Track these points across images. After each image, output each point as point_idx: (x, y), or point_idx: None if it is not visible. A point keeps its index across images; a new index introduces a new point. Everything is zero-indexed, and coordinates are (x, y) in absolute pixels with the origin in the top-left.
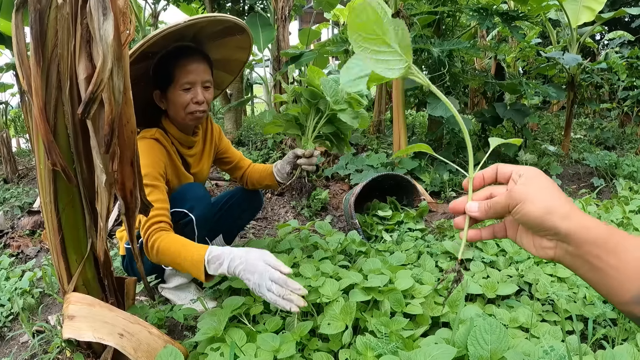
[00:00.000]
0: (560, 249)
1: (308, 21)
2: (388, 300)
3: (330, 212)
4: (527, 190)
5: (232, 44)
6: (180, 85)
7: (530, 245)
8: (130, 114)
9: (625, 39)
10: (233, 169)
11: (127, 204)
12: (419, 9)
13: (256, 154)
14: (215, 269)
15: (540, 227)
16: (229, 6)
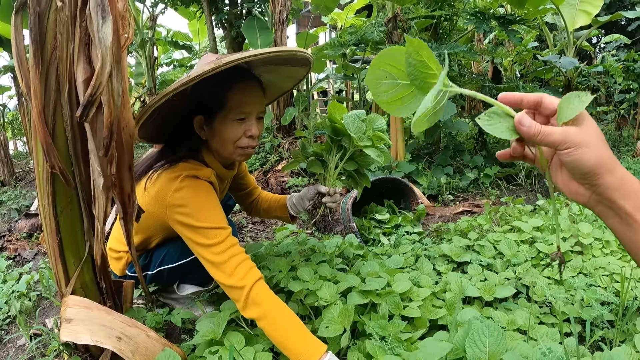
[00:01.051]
0: (594, 200)
1: (305, 25)
2: (386, 303)
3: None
4: (585, 135)
5: (285, 72)
6: (234, 115)
7: (563, 185)
8: (129, 117)
9: (622, 42)
10: (246, 195)
11: (125, 208)
12: (416, 13)
13: (254, 157)
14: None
15: (586, 176)
16: (226, 9)
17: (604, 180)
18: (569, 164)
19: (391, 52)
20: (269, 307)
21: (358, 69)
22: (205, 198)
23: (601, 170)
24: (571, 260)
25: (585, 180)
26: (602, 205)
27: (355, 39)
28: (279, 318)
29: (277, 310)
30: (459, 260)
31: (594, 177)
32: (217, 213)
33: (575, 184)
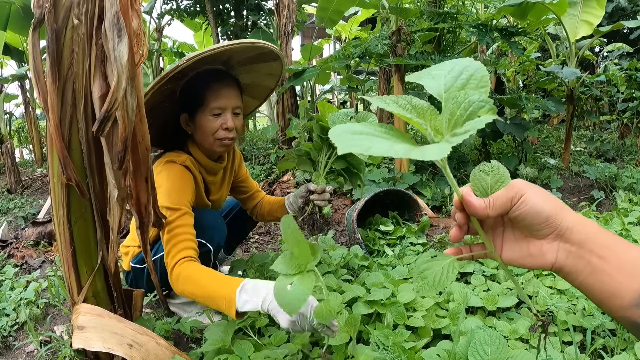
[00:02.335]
0: (562, 251)
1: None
2: (391, 313)
3: (332, 226)
4: (526, 183)
5: (263, 70)
6: (210, 110)
7: (524, 255)
8: (145, 131)
9: (624, 51)
10: (247, 199)
11: (141, 219)
12: (419, 26)
13: (259, 168)
14: (244, 302)
15: (548, 220)
16: (232, 22)
17: (567, 218)
18: (528, 214)
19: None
20: (187, 275)
21: (362, 81)
22: (173, 180)
23: (560, 210)
24: None
25: (548, 226)
26: (571, 256)
27: (359, 52)
28: (198, 278)
29: (195, 274)
30: (462, 271)
31: (558, 217)
32: (179, 195)
33: (537, 244)
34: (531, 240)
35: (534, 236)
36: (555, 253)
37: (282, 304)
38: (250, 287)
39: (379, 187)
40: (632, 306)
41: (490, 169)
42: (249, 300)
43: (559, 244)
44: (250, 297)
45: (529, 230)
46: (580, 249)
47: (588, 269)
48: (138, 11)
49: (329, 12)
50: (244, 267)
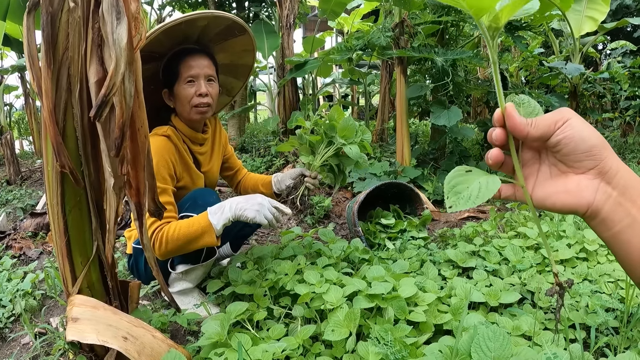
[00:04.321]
0: (602, 193)
1: (312, 29)
2: (391, 307)
3: (332, 219)
4: (574, 112)
5: (237, 47)
6: (184, 80)
7: (559, 191)
8: (144, 118)
9: (628, 49)
10: (233, 175)
11: (139, 209)
12: (423, 19)
13: (259, 160)
14: (219, 218)
15: (592, 150)
16: (234, 13)
17: (612, 158)
18: (572, 140)
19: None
20: (164, 236)
21: (364, 74)
22: (154, 151)
23: (606, 146)
24: (577, 266)
25: (592, 157)
26: (611, 201)
27: (362, 44)
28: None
29: (170, 231)
30: (464, 266)
31: (603, 151)
32: (157, 169)
33: (576, 180)
34: (569, 176)
35: (574, 170)
36: (594, 192)
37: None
38: (215, 208)
39: (381, 180)
40: None
41: (521, 102)
42: (220, 217)
43: (599, 184)
44: (220, 214)
45: (570, 161)
46: (622, 195)
47: (627, 220)
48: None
49: (331, 3)
50: (242, 259)
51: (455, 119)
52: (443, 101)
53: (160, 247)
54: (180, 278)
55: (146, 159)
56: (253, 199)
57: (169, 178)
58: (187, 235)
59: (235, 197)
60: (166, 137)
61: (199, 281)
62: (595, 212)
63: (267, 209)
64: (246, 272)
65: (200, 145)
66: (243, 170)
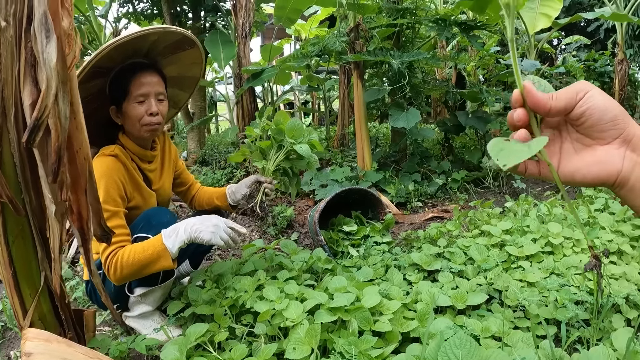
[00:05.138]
0: (629, 161)
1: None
2: (355, 319)
3: (296, 229)
4: (592, 85)
5: (186, 60)
6: (134, 98)
7: (589, 163)
8: (83, 139)
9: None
10: (186, 191)
11: (83, 235)
12: (378, 22)
13: (220, 173)
14: (174, 240)
15: (615, 120)
16: (190, 24)
17: (635, 126)
18: (595, 112)
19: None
20: (119, 262)
21: (322, 80)
22: (102, 173)
23: (626, 114)
24: (543, 260)
25: (616, 126)
26: (638, 168)
27: (317, 50)
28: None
29: (125, 257)
30: (429, 269)
31: (625, 119)
32: (107, 192)
33: (602, 151)
34: (596, 148)
35: (599, 141)
36: (621, 160)
37: None
38: (169, 231)
39: (342, 186)
40: None
41: (533, 81)
42: (175, 240)
43: (625, 151)
44: (174, 237)
45: (595, 132)
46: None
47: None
48: (69, 10)
49: (286, 10)
50: (202, 277)
51: (413, 120)
52: (401, 103)
53: (115, 272)
54: (139, 301)
55: (88, 182)
56: (208, 220)
57: (119, 200)
58: (141, 260)
59: (190, 219)
60: (114, 156)
61: (159, 303)
62: (624, 179)
63: (222, 230)
64: (205, 292)
65: (149, 162)
66: (196, 185)
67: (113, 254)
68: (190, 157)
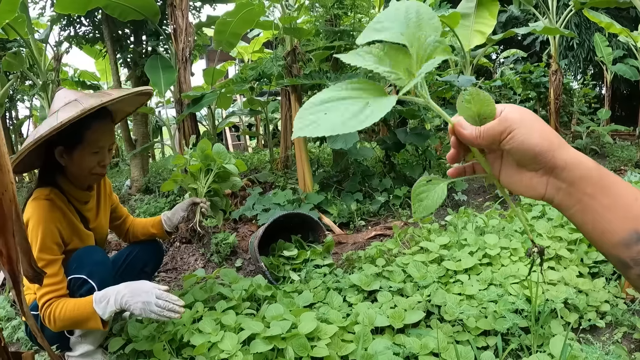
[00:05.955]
0: (552, 187)
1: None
2: (291, 346)
3: (240, 255)
4: (522, 116)
5: (133, 102)
6: (90, 149)
7: (519, 185)
8: (7, 182)
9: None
10: (121, 224)
11: (14, 277)
12: (315, 45)
13: (163, 201)
14: (104, 308)
15: (536, 156)
16: (131, 48)
17: (561, 157)
18: (517, 150)
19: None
20: (52, 315)
21: (264, 103)
22: (38, 219)
23: (552, 147)
24: (480, 273)
25: (537, 162)
26: (561, 193)
27: (256, 74)
28: (61, 313)
29: (58, 311)
30: (369, 289)
31: (548, 155)
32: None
33: (529, 176)
34: (524, 172)
35: (527, 167)
36: (544, 186)
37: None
38: (99, 297)
39: (284, 209)
40: (620, 245)
41: (470, 96)
42: (105, 307)
43: (548, 179)
44: (104, 304)
45: (521, 163)
46: (570, 187)
47: (579, 206)
48: None
49: (226, 35)
50: None
51: (352, 141)
52: None
53: (50, 323)
54: (80, 341)
55: (15, 224)
56: (138, 293)
57: (56, 247)
58: (72, 317)
59: (121, 287)
60: (49, 201)
61: (100, 341)
62: (550, 200)
63: (153, 304)
64: (144, 327)
65: (85, 203)
66: (130, 217)
67: (48, 304)
68: (133, 185)
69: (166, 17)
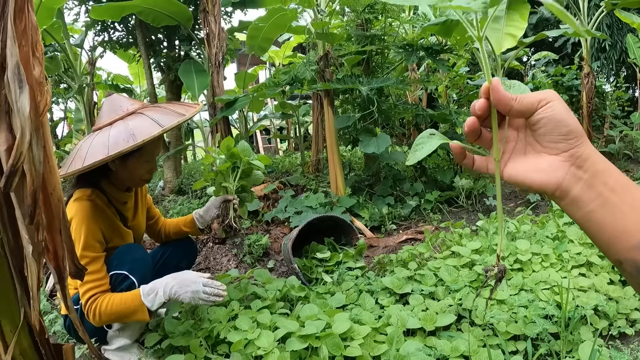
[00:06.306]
0: (573, 176)
1: (245, 64)
2: (326, 345)
3: (272, 257)
4: (558, 97)
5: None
6: (145, 158)
7: (531, 169)
8: (56, 182)
9: (550, 59)
10: (154, 224)
11: (60, 273)
12: (347, 49)
13: (196, 202)
14: (152, 300)
15: (569, 135)
16: (164, 52)
17: (587, 145)
18: (551, 121)
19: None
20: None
21: (296, 107)
22: (81, 218)
23: (583, 133)
24: (512, 278)
25: (567, 141)
26: (581, 183)
27: (289, 79)
28: (107, 307)
29: (103, 306)
30: (400, 292)
31: (579, 137)
32: (85, 238)
33: (548, 160)
34: (542, 156)
35: (547, 150)
36: (564, 173)
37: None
38: (147, 290)
39: (317, 212)
40: (637, 247)
41: (511, 84)
42: (154, 299)
43: (570, 166)
44: (153, 296)
45: (546, 141)
46: (594, 178)
47: (599, 200)
48: (40, 58)
49: (258, 40)
50: (178, 309)
51: (384, 145)
52: (371, 129)
53: (94, 317)
54: (117, 335)
55: (62, 222)
56: (186, 283)
57: (98, 245)
58: (118, 311)
59: (168, 279)
60: (91, 201)
61: (137, 336)
62: (565, 192)
63: (201, 291)
64: (181, 323)
65: (124, 203)
66: (162, 218)
67: (93, 299)
68: (167, 187)
69: (198, 22)
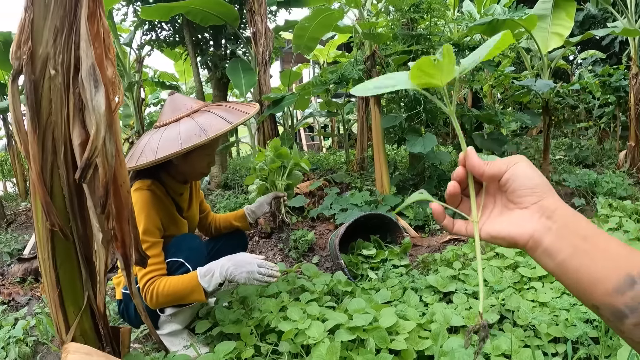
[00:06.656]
0: (542, 226)
1: (289, 62)
2: (373, 338)
3: (317, 252)
4: (524, 158)
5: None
6: (206, 152)
7: (505, 225)
8: (125, 175)
9: (597, 57)
10: (204, 217)
11: (126, 260)
12: (393, 49)
13: (242, 197)
14: (209, 281)
15: (535, 187)
16: (211, 51)
17: (553, 199)
18: (516, 178)
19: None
20: (155, 292)
21: (341, 105)
22: (142, 206)
23: (549, 188)
24: (554, 282)
25: (535, 194)
26: (552, 234)
27: (336, 77)
28: (164, 289)
29: (161, 288)
30: (444, 291)
31: (545, 191)
32: (146, 224)
33: (519, 214)
34: (515, 211)
35: (518, 205)
36: (534, 224)
37: None
38: (203, 271)
39: (362, 210)
40: (614, 292)
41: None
42: (210, 280)
43: (539, 218)
44: (209, 277)
45: (516, 197)
46: (564, 227)
47: (570, 250)
48: (113, 60)
49: (304, 39)
50: (228, 298)
51: (430, 145)
52: (417, 129)
53: (152, 300)
54: (169, 320)
55: (130, 213)
56: (242, 264)
57: (157, 232)
58: (176, 292)
59: (224, 261)
60: (151, 191)
61: (187, 322)
62: (537, 242)
63: (256, 272)
64: (232, 312)
65: (181, 194)
66: (211, 213)
67: (151, 281)
68: (212, 181)
69: (244, 21)
